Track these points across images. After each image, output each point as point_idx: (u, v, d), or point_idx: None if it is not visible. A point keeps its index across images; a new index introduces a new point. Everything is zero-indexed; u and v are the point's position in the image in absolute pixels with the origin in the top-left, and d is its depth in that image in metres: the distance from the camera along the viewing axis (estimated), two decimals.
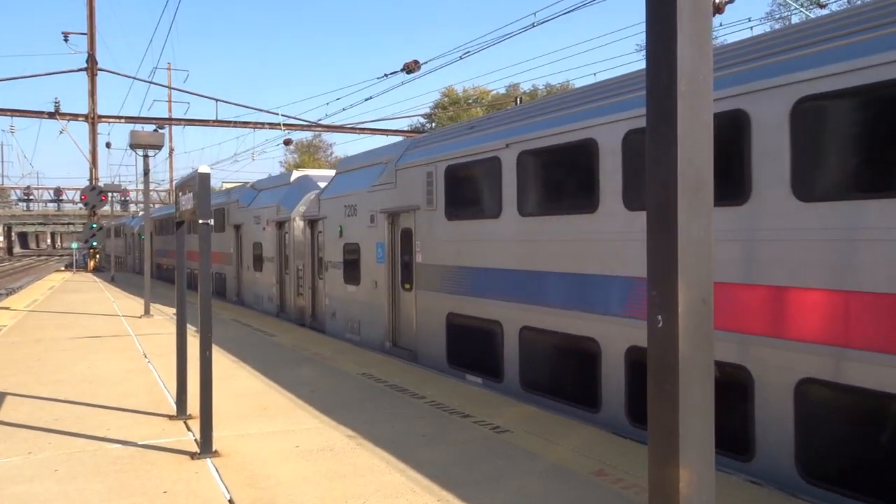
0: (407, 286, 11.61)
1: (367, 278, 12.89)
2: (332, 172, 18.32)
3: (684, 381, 1.91)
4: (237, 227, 22.10)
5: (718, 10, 12.54)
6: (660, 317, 1.95)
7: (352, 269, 13.58)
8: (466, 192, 10.33)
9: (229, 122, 38.36)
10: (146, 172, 16.81)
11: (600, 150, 7.65)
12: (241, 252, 21.97)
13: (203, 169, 6.07)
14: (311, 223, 16.64)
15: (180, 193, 7.07)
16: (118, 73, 67.19)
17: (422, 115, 69.18)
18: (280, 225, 18.16)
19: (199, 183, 6.08)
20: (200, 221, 6.05)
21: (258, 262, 20.00)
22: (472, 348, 10.06)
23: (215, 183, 33.15)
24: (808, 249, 5.59)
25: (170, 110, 65.63)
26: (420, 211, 11.03)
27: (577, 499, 5.22)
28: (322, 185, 16.83)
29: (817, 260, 5.51)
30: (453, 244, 10.42)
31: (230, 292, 23.09)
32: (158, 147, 15.86)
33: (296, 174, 19.28)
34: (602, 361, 7.62)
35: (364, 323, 13.14)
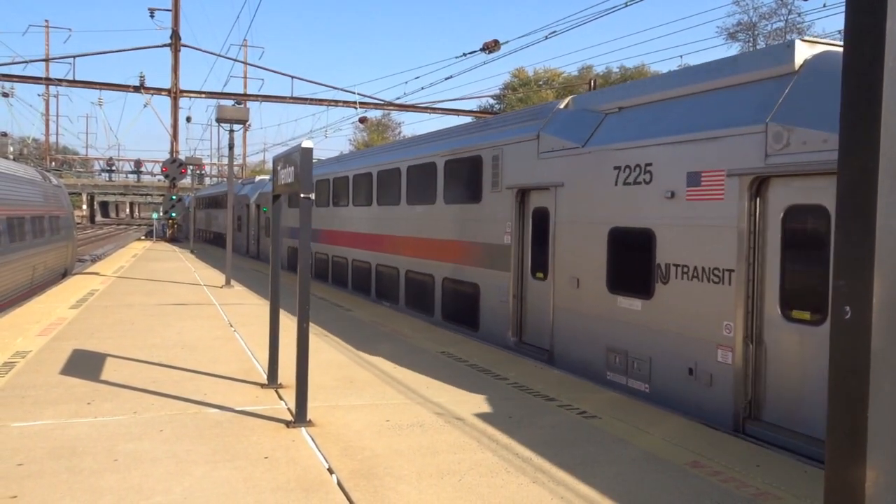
0: None
1: None
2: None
3: (875, 378, 1.81)
4: (524, 194, 10.67)
5: None
6: (847, 307, 1.85)
7: None
8: None
9: (305, 98, 38.97)
10: (231, 146, 17.24)
11: None
12: (540, 245, 10.28)
13: (306, 144, 6.15)
14: None
15: (279, 167, 7.20)
16: (200, 49, 69.06)
17: (491, 97, 69.01)
18: (759, 186, 6.98)
19: (301, 158, 6.17)
20: (302, 196, 6.15)
21: (630, 274, 8.48)
22: None
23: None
24: None
25: (245, 86, 67.24)
26: None
27: (676, 489, 5.11)
28: None
29: None
30: None
31: (489, 320, 11.45)
32: (244, 122, 16.22)
33: (804, 49, 7.13)
34: None
35: None
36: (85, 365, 8.53)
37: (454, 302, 12.66)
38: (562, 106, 10.50)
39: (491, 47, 21.52)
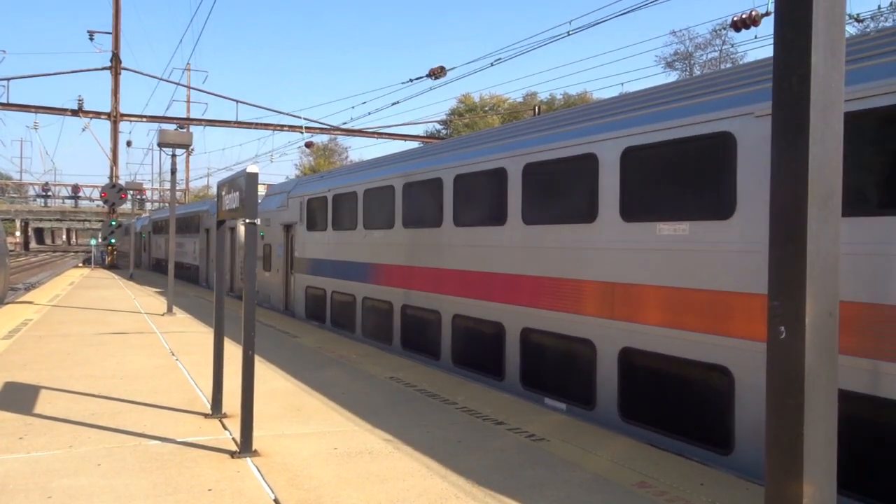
0: None
1: None
2: None
3: (809, 395, 1.88)
4: None
5: (755, 22, 12.54)
6: (782, 328, 1.92)
7: None
8: None
9: (250, 123, 38.60)
10: (173, 171, 16.91)
11: None
12: None
13: (251, 169, 6.09)
14: None
15: (223, 192, 7.10)
16: (141, 73, 67.61)
17: (437, 122, 69.59)
18: None
19: (246, 183, 6.10)
20: (247, 221, 6.08)
21: None
22: None
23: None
24: None
25: (188, 110, 66.16)
26: None
27: None
28: None
29: None
30: None
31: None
32: (186, 146, 15.95)
33: None
34: None
35: None
36: (17, 398, 8.17)
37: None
38: None
39: (437, 73, 21.76)
